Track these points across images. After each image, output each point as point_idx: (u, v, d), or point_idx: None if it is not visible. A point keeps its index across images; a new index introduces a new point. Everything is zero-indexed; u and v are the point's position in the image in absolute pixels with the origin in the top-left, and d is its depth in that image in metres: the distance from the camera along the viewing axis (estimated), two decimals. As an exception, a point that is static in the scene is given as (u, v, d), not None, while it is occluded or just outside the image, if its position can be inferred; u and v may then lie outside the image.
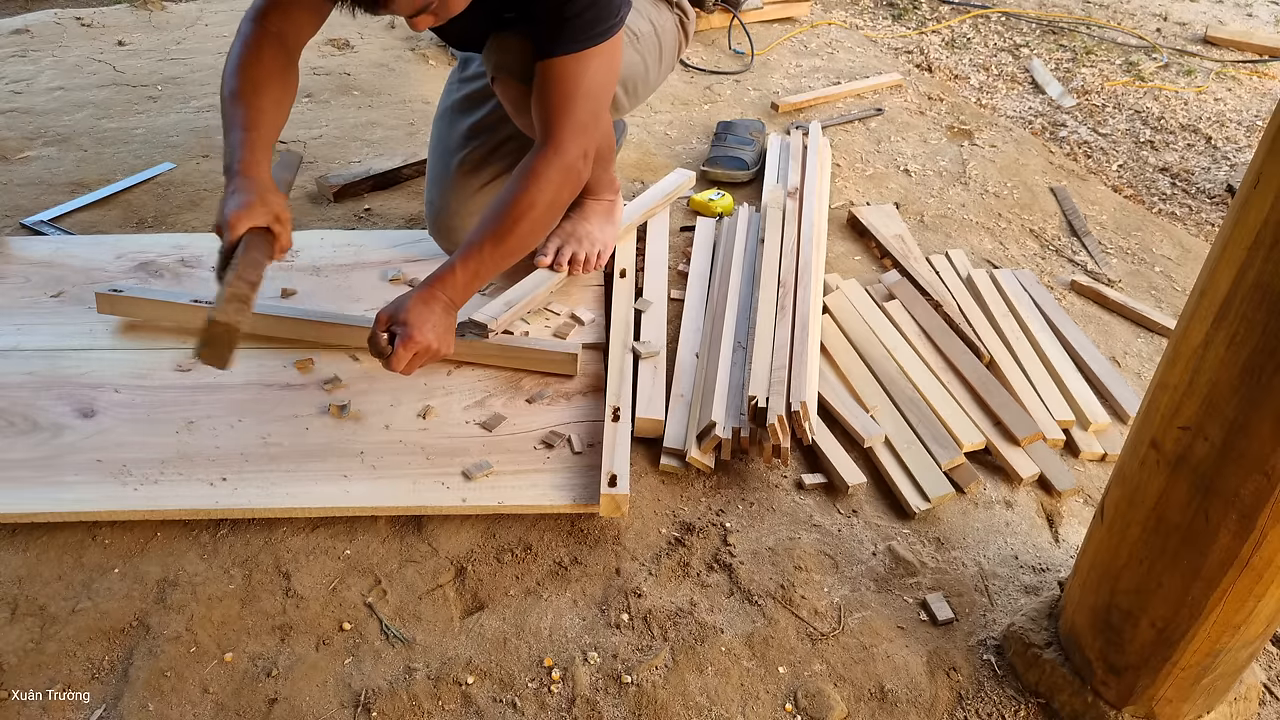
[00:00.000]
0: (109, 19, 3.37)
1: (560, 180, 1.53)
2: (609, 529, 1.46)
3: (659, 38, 1.83)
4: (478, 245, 1.52)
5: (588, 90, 1.53)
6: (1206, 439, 0.95)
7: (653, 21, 1.81)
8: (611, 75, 1.58)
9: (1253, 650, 1.12)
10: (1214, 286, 0.92)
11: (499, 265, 1.56)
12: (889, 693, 1.26)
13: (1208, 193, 2.69)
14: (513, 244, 1.54)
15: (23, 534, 1.41)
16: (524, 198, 1.51)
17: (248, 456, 1.51)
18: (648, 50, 1.80)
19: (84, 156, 2.45)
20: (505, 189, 1.54)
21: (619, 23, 1.53)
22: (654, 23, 1.82)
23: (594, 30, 1.49)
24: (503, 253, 1.54)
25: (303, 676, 1.24)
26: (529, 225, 1.53)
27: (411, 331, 1.45)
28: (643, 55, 1.78)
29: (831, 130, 2.75)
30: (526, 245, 1.58)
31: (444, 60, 3.11)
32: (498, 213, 1.53)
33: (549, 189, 1.53)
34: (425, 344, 1.46)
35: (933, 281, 2.01)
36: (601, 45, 1.51)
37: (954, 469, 1.57)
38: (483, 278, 1.55)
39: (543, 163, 1.52)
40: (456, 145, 1.87)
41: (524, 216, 1.52)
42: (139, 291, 1.77)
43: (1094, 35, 3.71)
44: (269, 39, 1.50)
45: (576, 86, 1.52)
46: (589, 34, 1.49)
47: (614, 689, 1.25)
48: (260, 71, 1.48)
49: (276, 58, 1.50)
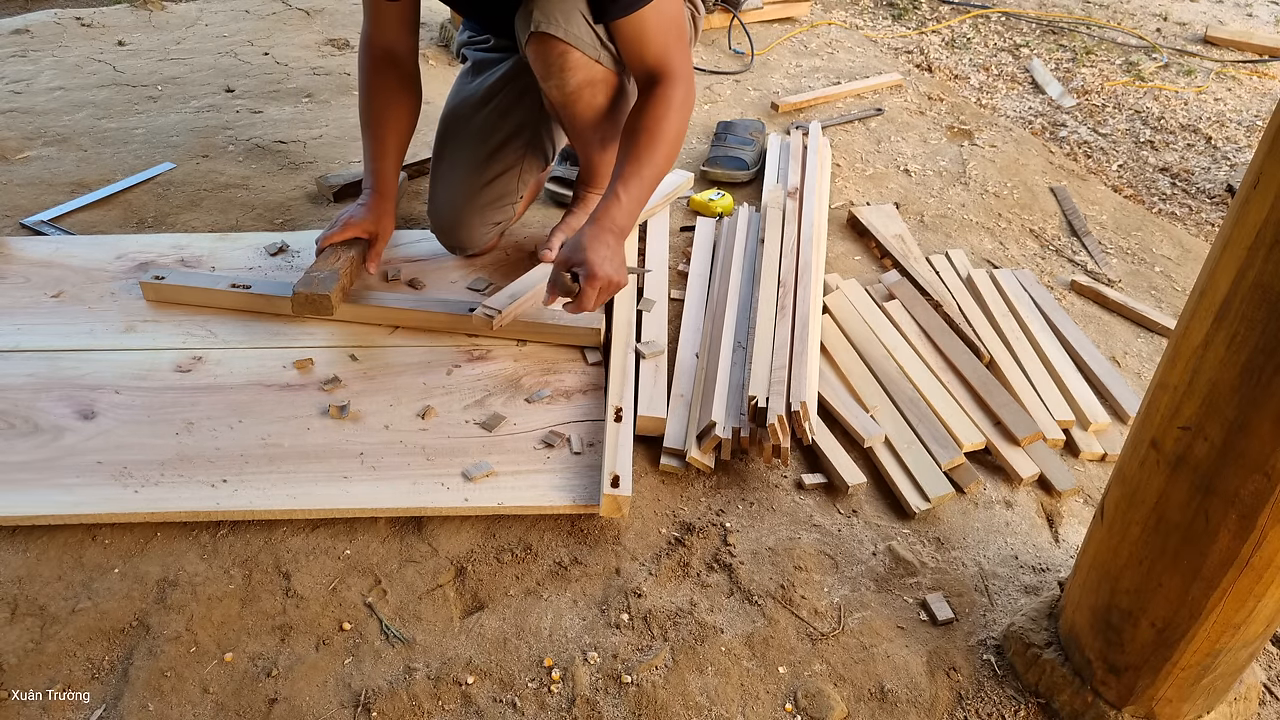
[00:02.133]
0: (109, 19, 3.37)
1: (685, 101, 1.64)
2: (609, 529, 1.46)
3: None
4: (632, 170, 1.60)
5: (670, 25, 1.62)
6: (1206, 439, 0.95)
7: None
8: (680, 12, 1.67)
9: (1253, 650, 1.12)
10: (1214, 286, 0.92)
11: (653, 187, 1.64)
12: (889, 693, 1.26)
13: (1208, 193, 2.69)
14: (661, 163, 1.62)
15: (23, 534, 1.41)
16: (663, 119, 1.60)
17: (248, 457, 1.51)
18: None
19: (84, 156, 2.45)
20: (634, 118, 1.63)
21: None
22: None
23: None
24: (655, 174, 1.63)
25: (303, 676, 1.24)
26: (670, 148, 1.63)
27: (594, 269, 1.51)
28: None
29: (831, 130, 2.75)
30: (669, 165, 1.66)
31: (444, 60, 3.11)
32: (639, 139, 1.60)
33: (680, 109, 1.63)
34: (608, 278, 1.53)
35: (933, 281, 2.01)
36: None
37: (954, 469, 1.57)
38: (643, 201, 1.62)
39: (668, 89, 1.62)
40: (463, 143, 1.87)
41: (665, 137, 1.61)
42: (181, 278, 1.84)
43: (1094, 35, 3.71)
44: (381, 63, 1.75)
45: (661, 27, 1.60)
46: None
47: (614, 689, 1.25)
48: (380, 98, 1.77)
49: (390, 78, 1.77)
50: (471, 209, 1.86)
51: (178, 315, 1.81)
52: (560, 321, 1.76)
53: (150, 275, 1.84)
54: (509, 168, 1.87)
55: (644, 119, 1.61)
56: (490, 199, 1.87)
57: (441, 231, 1.93)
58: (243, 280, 1.82)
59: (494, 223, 1.91)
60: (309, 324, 1.79)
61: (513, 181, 1.89)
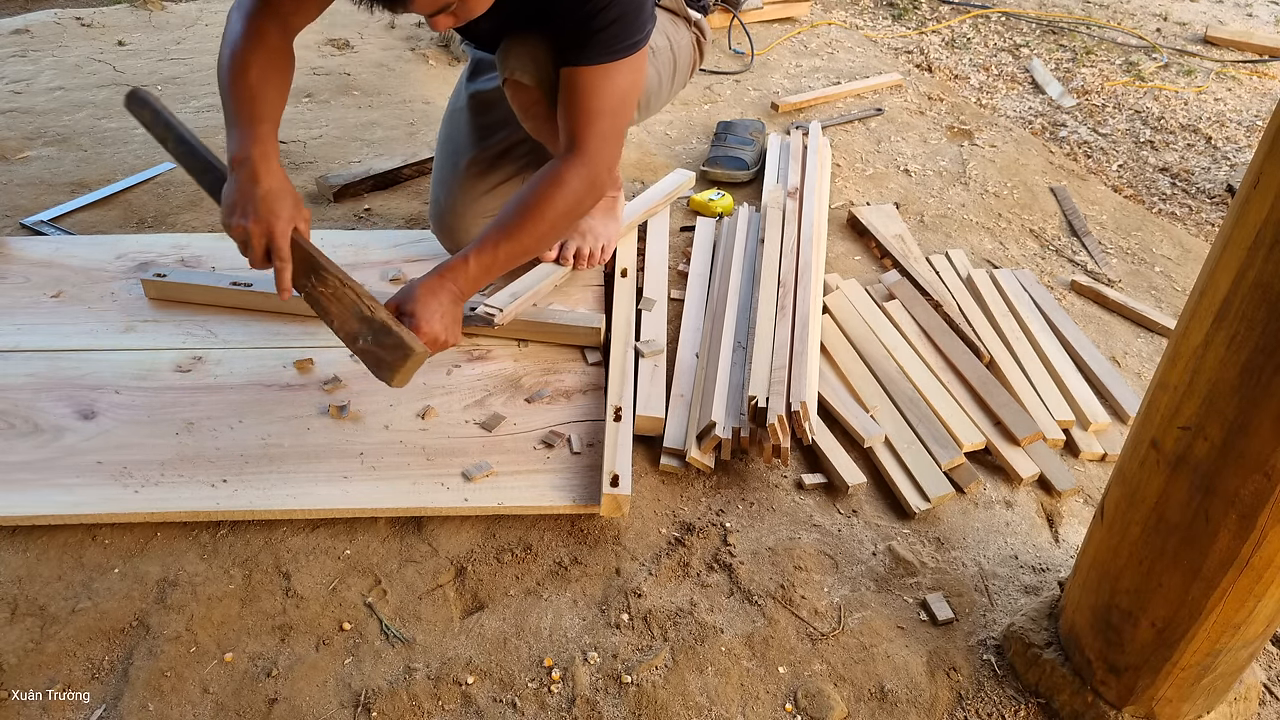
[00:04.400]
0: (109, 19, 3.37)
1: (584, 189, 1.53)
2: (609, 529, 1.46)
3: (674, 54, 1.84)
4: (493, 240, 1.51)
5: (615, 102, 1.53)
6: (1206, 439, 0.95)
7: (670, 38, 1.82)
8: (636, 89, 1.59)
9: (1253, 650, 1.12)
10: (1214, 286, 0.92)
11: (510, 263, 1.55)
12: (889, 693, 1.26)
13: (1208, 193, 2.69)
14: (529, 243, 1.53)
15: (23, 534, 1.41)
16: (546, 200, 1.51)
17: (248, 458, 1.51)
18: (663, 65, 1.81)
19: (84, 156, 2.45)
20: (526, 188, 1.53)
21: (645, 38, 1.54)
22: (670, 39, 1.82)
23: (622, 44, 1.49)
24: (517, 250, 1.53)
25: (303, 676, 1.24)
26: (547, 227, 1.53)
27: (419, 323, 1.43)
28: (658, 70, 1.79)
29: (831, 130, 2.75)
30: (541, 246, 1.58)
31: (444, 60, 3.11)
32: (517, 211, 1.52)
33: (572, 195, 1.52)
34: (433, 335, 1.44)
35: (933, 281, 2.01)
36: (629, 59, 1.51)
37: (954, 469, 1.57)
38: (493, 273, 1.54)
39: (569, 169, 1.52)
40: (467, 146, 1.87)
41: (543, 218, 1.51)
42: (183, 276, 1.84)
43: (1094, 35, 3.71)
44: (274, 21, 1.46)
45: (605, 98, 1.52)
46: (617, 47, 1.49)
47: (614, 689, 1.25)
48: (266, 55, 1.44)
49: (280, 40, 1.47)
50: (473, 212, 1.86)
51: (178, 315, 1.81)
52: (561, 321, 1.76)
53: (151, 274, 1.84)
54: (512, 174, 1.87)
55: (531, 194, 1.51)
56: (492, 205, 1.86)
57: (443, 233, 1.92)
58: (244, 279, 1.82)
59: (494, 225, 1.91)
60: (309, 324, 1.79)
61: (515, 188, 1.88)
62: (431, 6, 1.31)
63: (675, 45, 1.84)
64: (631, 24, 1.48)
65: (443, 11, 1.34)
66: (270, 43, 1.45)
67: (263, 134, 1.39)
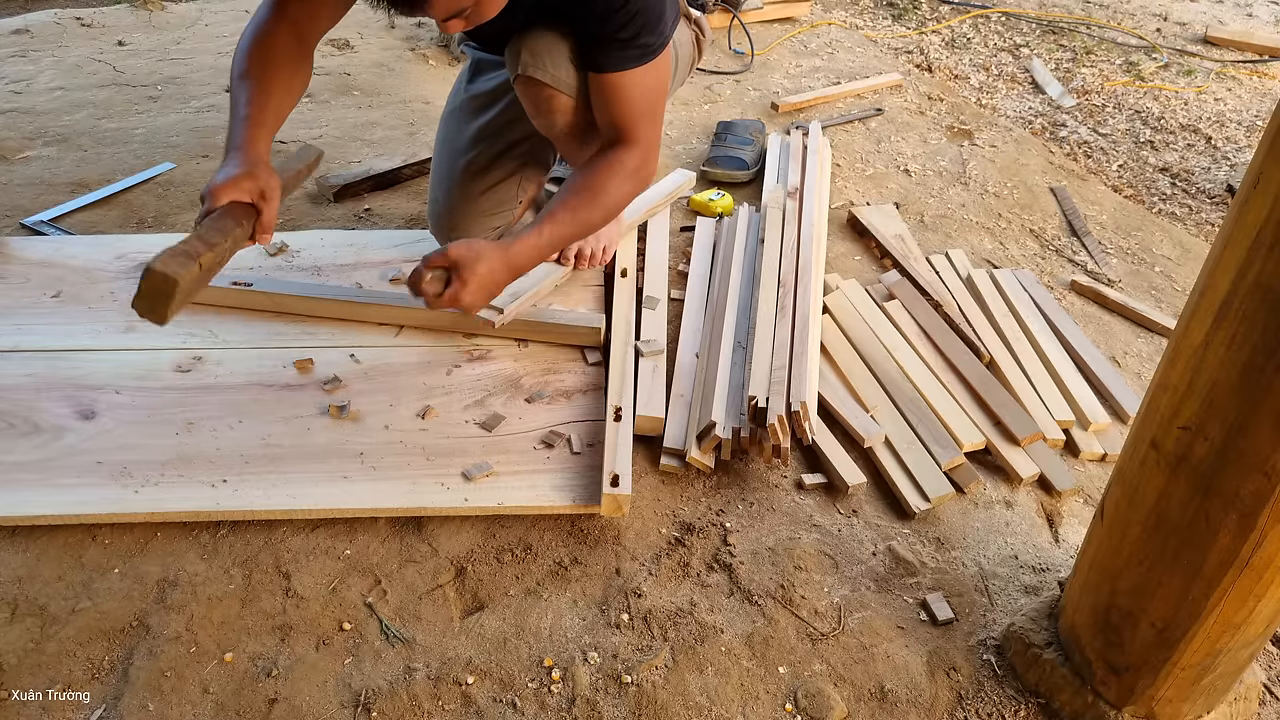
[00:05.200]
0: (109, 19, 3.37)
1: (636, 174, 1.60)
2: (609, 529, 1.46)
3: (675, 52, 1.84)
4: (562, 219, 1.56)
5: (653, 97, 1.60)
6: (1206, 439, 0.95)
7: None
8: (666, 78, 1.65)
9: (1253, 650, 1.12)
10: (1214, 286, 0.92)
11: (567, 241, 1.62)
12: (889, 693, 1.26)
13: (1208, 193, 2.69)
14: (594, 224, 1.60)
15: (23, 534, 1.41)
16: (608, 185, 1.57)
17: (248, 458, 1.51)
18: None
19: (84, 156, 2.45)
20: (582, 173, 1.59)
21: (669, 36, 1.59)
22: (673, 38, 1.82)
23: (648, 47, 1.54)
24: (575, 232, 1.60)
25: (303, 676, 1.24)
26: (606, 213, 1.60)
27: (467, 286, 1.45)
28: None
29: (831, 130, 2.75)
30: (595, 227, 1.64)
31: (444, 60, 3.11)
32: (582, 196, 1.57)
33: (629, 182, 1.60)
34: (469, 302, 1.48)
35: (933, 281, 2.01)
36: (656, 60, 1.57)
37: (954, 469, 1.57)
38: (553, 249, 1.59)
39: (627, 154, 1.58)
40: (465, 146, 1.86)
41: (604, 204, 1.58)
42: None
43: (1094, 35, 3.71)
44: (285, 24, 1.49)
45: (640, 98, 1.58)
46: (645, 52, 1.54)
47: (614, 689, 1.25)
48: (272, 55, 1.47)
49: (290, 44, 1.49)
50: (471, 213, 1.86)
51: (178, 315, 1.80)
52: (561, 321, 1.76)
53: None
54: (509, 175, 1.87)
55: (592, 177, 1.57)
56: (490, 205, 1.87)
57: (441, 233, 1.92)
58: (244, 279, 1.82)
59: (493, 226, 1.91)
60: (309, 324, 1.79)
61: (513, 188, 1.88)
62: (447, 11, 1.32)
63: (676, 43, 1.84)
64: (655, 30, 1.53)
65: (457, 16, 1.35)
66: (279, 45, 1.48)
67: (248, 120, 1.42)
